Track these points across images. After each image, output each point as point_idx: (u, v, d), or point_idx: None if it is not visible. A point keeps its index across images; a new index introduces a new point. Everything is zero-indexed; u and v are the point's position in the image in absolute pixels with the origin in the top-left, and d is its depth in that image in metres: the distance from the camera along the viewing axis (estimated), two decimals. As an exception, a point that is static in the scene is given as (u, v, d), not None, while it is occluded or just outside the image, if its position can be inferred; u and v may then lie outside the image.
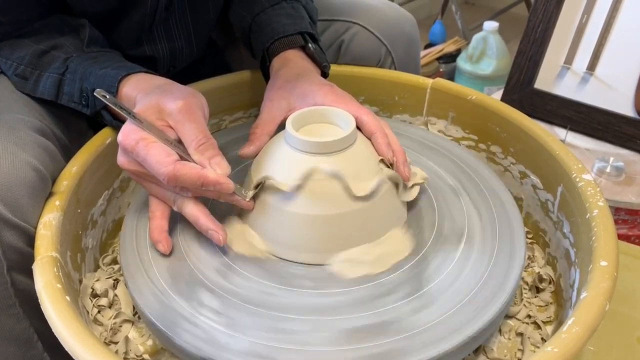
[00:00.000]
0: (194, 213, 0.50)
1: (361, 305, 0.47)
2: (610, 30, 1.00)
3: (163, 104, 0.51)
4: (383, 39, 0.76)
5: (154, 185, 0.52)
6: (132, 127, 0.49)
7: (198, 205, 0.50)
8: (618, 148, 0.98)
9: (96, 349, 0.39)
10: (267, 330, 0.45)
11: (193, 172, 0.48)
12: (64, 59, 0.58)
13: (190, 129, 0.50)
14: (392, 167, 0.54)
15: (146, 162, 0.48)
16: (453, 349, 0.43)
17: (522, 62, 1.05)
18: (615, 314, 0.56)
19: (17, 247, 0.48)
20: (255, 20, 0.70)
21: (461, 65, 1.76)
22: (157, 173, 0.48)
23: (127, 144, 0.49)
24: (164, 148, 0.48)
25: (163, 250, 0.51)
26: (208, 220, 0.50)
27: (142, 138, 0.48)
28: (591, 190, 0.52)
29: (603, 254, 0.46)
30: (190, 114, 0.50)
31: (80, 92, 0.58)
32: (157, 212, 0.52)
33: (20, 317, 0.49)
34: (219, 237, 0.49)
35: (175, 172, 0.47)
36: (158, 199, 0.52)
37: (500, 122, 0.66)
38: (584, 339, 0.39)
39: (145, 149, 0.48)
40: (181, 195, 0.50)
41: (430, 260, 0.51)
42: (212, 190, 0.49)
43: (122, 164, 0.51)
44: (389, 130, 0.56)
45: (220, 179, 0.48)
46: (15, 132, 0.51)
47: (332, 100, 0.56)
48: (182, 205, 0.51)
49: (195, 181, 0.48)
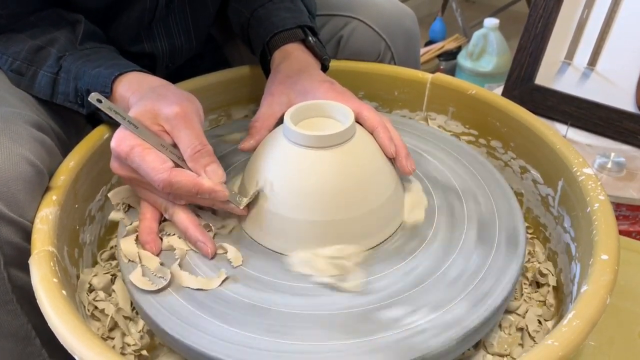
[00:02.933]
0: (184, 223, 0.50)
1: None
2: (611, 25, 0.99)
3: (159, 109, 0.50)
4: (382, 33, 0.75)
5: (147, 191, 0.52)
6: (125, 133, 0.49)
7: (188, 214, 0.51)
8: (619, 144, 0.97)
9: (92, 343, 0.38)
10: (268, 325, 0.44)
11: (188, 180, 0.48)
12: (57, 58, 0.58)
13: (186, 135, 0.49)
14: (394, 162, 0.54)
15: (141, 168, 0.48)
16: (452, 343, 0.43)
17: (523, 58, 1.05)
18: (616, 309, 0.56)
19: (14, 243, 0.47)
20: (254, 15, 0.69)
21: (461, 63, 1.76)
22: (152, 180, 0.48)
23: (120, 150, 0.48)
24: (158, 155, 0.48)
25: (151, 251, 0.51)
26: (197, 231, 0.50)
27: (136, 144, 0.48)
28: (592, 184, 0.52)
29: (604, 248, 0.45)
30: (186, 120, 0.49)
31: (75, 92, 0.57)
32: (147, 214, 0.52)
33: (17, 313, 0.49)
34: (207, 249, 0.50)
35: (171, 179, 0.47)
36: (149, 203, 0.53)
37: (500, 117, 0.65)
38: (585, 332, 0.39)
39: (139, 155, 0.48)
40: (173, 203, 0.51)
41: (430, 255, 0.51)
42: (207, 198, 0.49)
43: (114, 169, 0.51)
44: (390, 126, 0.56)
45: (215, 187, 0.48)
46: (11, 125, 0.51)
47: (332, 97, 0.56)
48: (173, 213, 0.51)
49: (190, 189, 0.48)
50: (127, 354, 0.49)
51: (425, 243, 0.52)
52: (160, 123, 0.50)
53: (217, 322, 0.45)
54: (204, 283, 0.48)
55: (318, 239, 0.50)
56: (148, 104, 0.51)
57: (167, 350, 0.50)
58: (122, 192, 0.55)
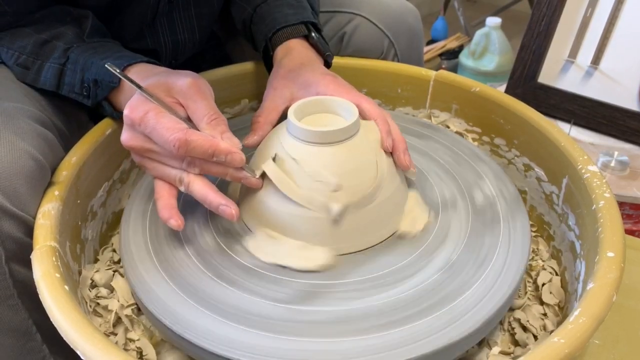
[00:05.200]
0: (202, 190, 0.48)
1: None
2: (614, 23, 0.99)
3: (172, 82, 0.50)
4: (386, 30, 0.75)
5: (159, 165, 0.50)
6: (140, 99, 0.49)
7: (205, 181, 0.49)
8: (622, 142, 0.97)
9: (95, 338, 0.38)
10: (272, 323, 0.44)
11: (204, 139, 0.46)
12: (64, 49, 0.58)
13: (202, 105, 0.49)
14: (392, 155, 0.54)
15: (155, 130, 0.47)
16: (456, 341, 0.42)
17: (526, 56, 1.05)
18: (621, 308, 0.56)
19: (15, 237, 0.47)
20: (257, 11, 0.69)
21: (463, 62, 1.76)
22: (167, 140, 0.46)
23: (134, 116, 0.48)
24: (173, 117, 0.48)
25: (176, 226, 0.49)
26: (217, 195, 0.48)
27: (151, 109, 0.48)
28: (597, 181, 0.52)
29: (610, 245, 0.45)
30: (200, 91, 0.50)
31: (81, 83, 0.57)
32: (163, 192, 0.50)
33: (18, 308, 0.49)
34: (231, 211, 0.48)
35: (187, 137, 0.46)
36: (163, 181, 0.51)
37: (504, 114, 0.65)
38: (591, 330, 0.38)
39: (154, 118, 0.47)
40: (188, 173, 0.49)
41: (434, 253, 0.51)
42: (223, 161, 0.47)
43: (126, 141, 0.50)
44: (390, 119, 0.55)
45: (232, 149, 0.47)
46: (14, 121, 0.51)
47: (333, 89, 0.56)
48: (189, 182, 0.49)
49: (206, 149, 0.46)
50: (129, 349, 0.49)
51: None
52: (173, 95, 0.50)
53: (223, 320, 0.44)
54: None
55: (312, 234, 0.49)
56: (161, 79, 0.51)
57: (170, 347, 0.49)
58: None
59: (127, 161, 0.63)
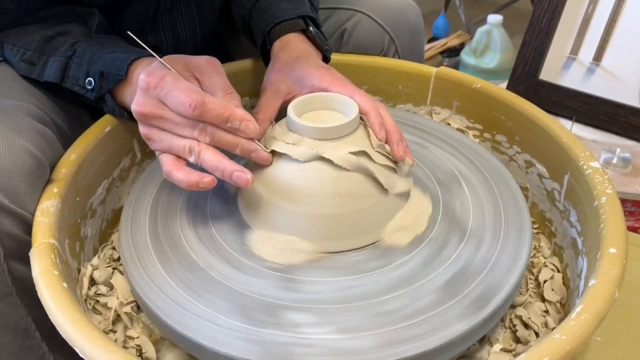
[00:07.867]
0: (214, 159, 0.48)
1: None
2: (616, 20, 0.98)
3: (189, 59, 0.53)
4: (387, 27, 0.74)
5: (167, 135, 0.49)
6: (159, 66, 0.50)
7: (217, 151, 0.48)
8: (624, 139, 0.97)
9: (94, 336, 0.38)
10: (276, 322, 0.44)
11: (220, 103, 0.47)
12: (72, 43, 0.58)
13: (218, 80, 0.51)
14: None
15: (172, 92, 0.47)
16: (456, 338, 0.42)
17: (527, 53, 1.04)
18: (622, 305, 0.56)
19: (14, 235, 0.47)
20: (255, 7, 0.69)
21: (465, 59, 1.75)
22: (183, 101, 0.46)
23: (150, 80, 0.48)
24: (190, 83, 0.49)
25: (211, 180, 0.48)
26: (230, 163, 0.48)
27: (169, 74, 0.49)
28: (599, 177, 0.51)
29: (612, 242, 0.45)
30: (216, 68, 0.52)
31: (85, 76, 0.57)
32: (174, 163, 0.49)
33: (17, 306, 0.48)
34: (247, 176, 0.47)
35: (204, 99, 0.46)
36: (172, 154, 0.50)
37: (505, 111, 0.65)
38: (593, 326, 0.38)
39: (172, 81, 0.48)
40: (198, 142, 0.48)
41: (435, 251, 0.50)
42: (237, 127, 0.47)
43: (138, 106, 0.49)
44: (384, 111, 0.55)
45: (246, 116, 0.48)
46: (13, 117, 0.50)
47: (328, 82, 0.55)
48: (200, 152, 0.48)
49: (222, 112, 0.47)
50: (129, 347, 0.49)
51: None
52: (190, 70, 0.52)
53: (223, 317, 0.44)
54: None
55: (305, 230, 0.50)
56: (178, 56, 0.53)
57: (170, 344, 0.49)
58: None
59: (126, 159, 0.63)
